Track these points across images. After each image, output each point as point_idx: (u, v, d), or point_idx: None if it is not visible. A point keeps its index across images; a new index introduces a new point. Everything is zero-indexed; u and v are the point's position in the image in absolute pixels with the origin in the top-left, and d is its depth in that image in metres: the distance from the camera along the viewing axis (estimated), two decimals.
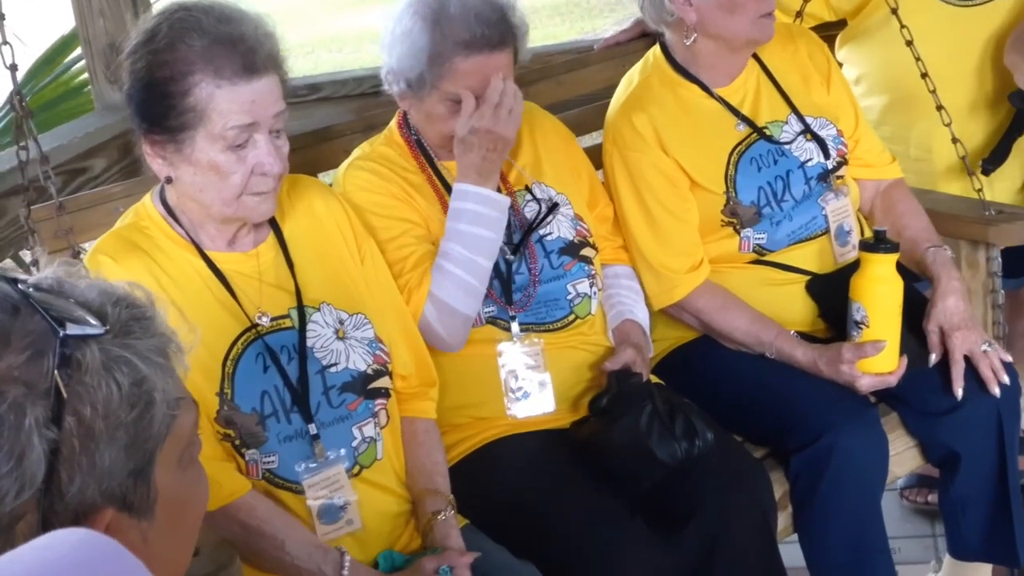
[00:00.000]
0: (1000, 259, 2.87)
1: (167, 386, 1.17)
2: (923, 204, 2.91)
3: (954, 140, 2.88)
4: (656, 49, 2.84)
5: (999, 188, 3.16)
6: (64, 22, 4.06)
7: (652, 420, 2.35)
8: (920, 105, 2.98)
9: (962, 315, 2.62)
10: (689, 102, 2.76)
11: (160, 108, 2.05)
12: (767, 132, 2.76)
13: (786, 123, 2.78)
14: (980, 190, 2.86)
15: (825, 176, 2.76)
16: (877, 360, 2.55)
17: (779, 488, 2.52)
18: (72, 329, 1.12)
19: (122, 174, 3.48)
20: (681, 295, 2.70)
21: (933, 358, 2.62)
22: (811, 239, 2.76)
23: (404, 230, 2.45)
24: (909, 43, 2.87)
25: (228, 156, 2.06)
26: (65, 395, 1.10)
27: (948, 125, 2.87)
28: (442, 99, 2.43)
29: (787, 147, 2.75)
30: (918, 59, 2.86)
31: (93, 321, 1.14)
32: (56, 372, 1.10)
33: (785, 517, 2.55)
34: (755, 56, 2.81)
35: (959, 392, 2.59)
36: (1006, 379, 2.60)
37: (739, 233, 2.72)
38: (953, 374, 2.60)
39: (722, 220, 2.71)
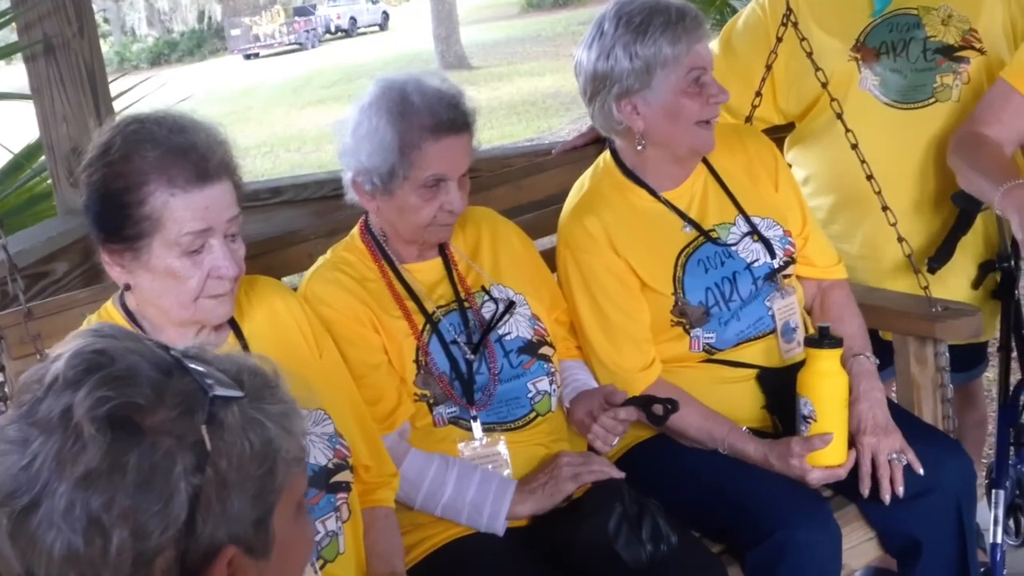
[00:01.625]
0: (948, 354, 2.93)
1: (290, 447, 1.34)
2: (872, 301, 2.99)
3: (900, 239, 2.95)
4: (606, 154, 2.92)
5: (952, 285, 3.22)
6: (33, 129, 4.12)
7: (621, 522, 2.38)
8: (867, 205, 3.06)
9: (871, 421, 2.67)
10: (638, 206, 2.83)
11: (117, 218, 2.11)
12: (713, 235, 2.82)
13: (734, 224, 2.85)
14: (926, 287, 2.93)
15: (772, 276, 2.82)
16: (826, 453, 2.60)
17: None
18: (219, 391, 1.28)
19: (84, 277, 3.52)
20: (635, 392, 2.74)
21: (864, 492, 2.67)
22: (759, 338, 2.82)
23: (371, 366, 2.51)
24: (854, 146, 2.95)
25: (184, 262, 2.12)
26: (209, 448, 1.25)
27: (894, 225, 2.94)
28: (415, 188, 2.51)
29: (734, 248, 2.82)
30: (863, 162, 2.94)
31: (234, 386, 1.30)
32: (204, 427, 1.25)
33: None
34: (704, 159, 2.88)
35: (864, 491, 2.65)
36: (900, 491, 2.63)
37: (689, 333, 2.77)
38: (860, 476, 2.65)
39: (672, 320, 2.77)
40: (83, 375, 1.25)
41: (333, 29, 35.41)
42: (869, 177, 2.95)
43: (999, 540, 3.19)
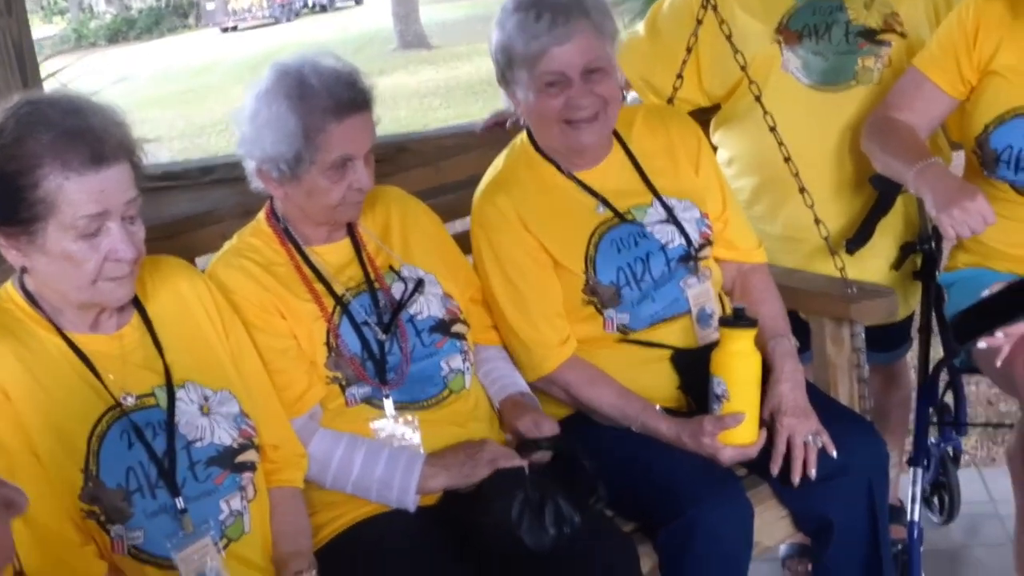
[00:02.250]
0: (863, 335, 2.96)
1: None
2: (790, 283, 3.01)
3: (817, 221, 2.97)
4: (523, 134, 2.92)
5: (872, 266, 3.25)
6: None
7: (523, 509, 2.39)
8: (788, 187, 3.06)
9: (791, 402, 2.69)
10: (551, 184, 2.84)
11: (10, 201, 2.09)
12: (628, 216, 2.83)
13: (650, 206, 2.85)
14: (842, 269, 2.95)
15: (686, 258, 2.83)
16: (738, 432, 2.62)
17: (649, 560, 2.57)
18: None
19: None
20: (550, 368, 2.76)
21: (773, 471, 2.67)
22: (674, 319, 2.83)
23: (279, 351, 2.51)
24: (772, 129, 2.96)
25: (80, 245, 2.11)
26: None
27: (811, 207, 2.96)
28: (322, 171, 2.50)
29: (648, 229, 2.82)
30: (781, 144, 2.96)
31: None
32: None
33: None
34: (620, 141, 2.89)
35: (774, 471, 2.66)
36: (812, 473, 2.64)
37: (602, 313, 2.78)
38: (773, 456, 2.66)
39: (583, 299, 2.78)
40: None
41: (311, 3, 35.42)
42: (787, 159, 2.96)
43: (916, 518, 3.23)
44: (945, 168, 2.89)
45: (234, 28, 31.01)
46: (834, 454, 2.65)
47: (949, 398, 3.68)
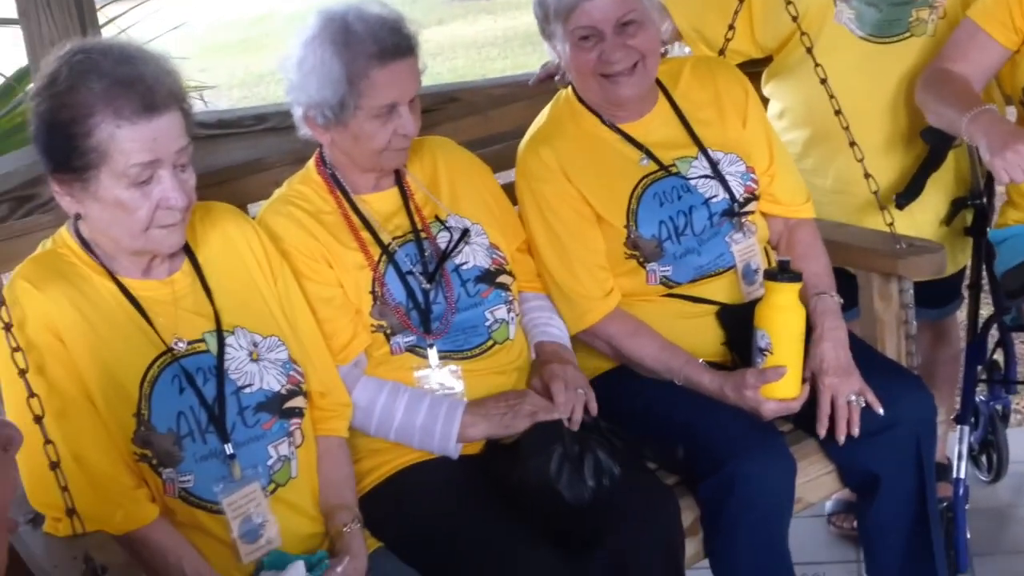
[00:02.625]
0: (912, 291, 2.94)
1: None
2: (837, 237, 2.99)
3: (866, 175, 2.96)
4: (568, 87, 2.93)
5: (920, 220, 3.23)
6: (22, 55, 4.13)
7: (562, 463, 2.41)
8: (839, 140, 3.05)
9: (833, 362, 2.68)
10: (595, 136, 2.85)
11: (64, 149, 2.12)
12: (673, 169, 2.83)
13: (696, 159, 2.85)
14: (891, 224, 2.94)
15: (730, 213, 2.83)
16: (780, 386, 2.62)
17: (691, 514, 2.58)
18: None
19: None
20: (593, 320, 2.77)
21: (821, 432, 2.68)
22: (719, 274, 2.83)
23: (324, 300, 2.54)
24: (823, 81, 2.96)
25: (132, 193, 2.14)
26: None
27: (861, 161, 2.95)
28: (368, 116, 2.52)
29: (692, 183, 2.82)
30: (832, 96, 2.95)
31: None
32: None
33: (697, 542, 2.61)
34: (665, 92, 2.89)
35: (822, 432, 2.66)
36: (855, 432, 2.65)
37: (644, 267, 2.79)
38: (818, 416, 2.66)
39: (625, 253, 2.79)
40: None
41: None
42: (837, 112, 2.96)
43: (963, 475, 3.22)
44: (998, 114, 2.87)
45: None
46: (880, 411, 2.65)
47: (999, 356, 3.66)
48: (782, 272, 2.64)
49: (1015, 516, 3.64)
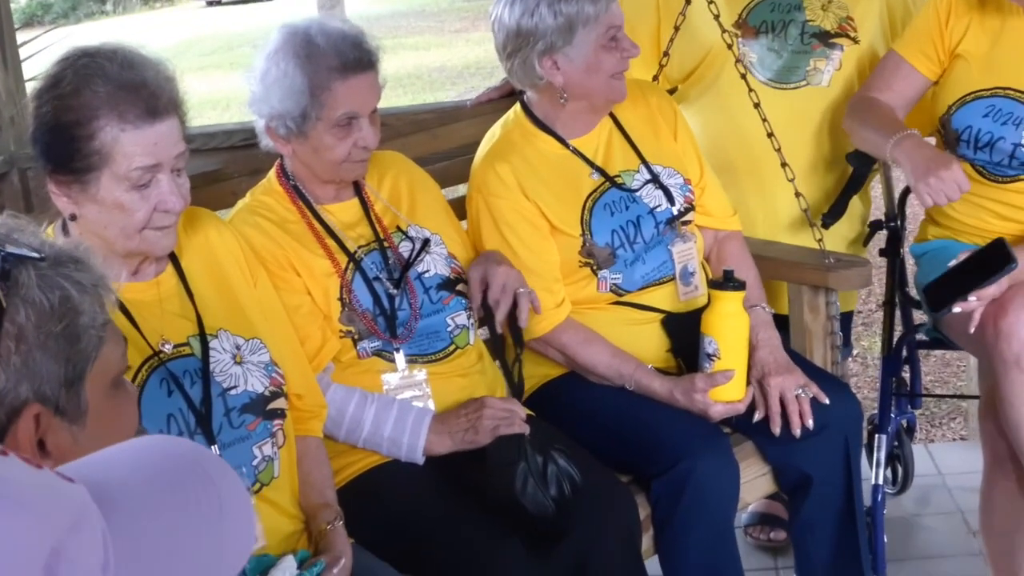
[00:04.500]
0: (838, 303, 3.12)
1: (94, 312, 1.37)
2: (769, 253, 3.15)
3: (797, 194, 3.12)
4: (517, 107, 3.04)
5: (829, 242, 3.39)
6: None
7: (526, 478, 2.49)
8: (734, 174, 3.29)
9: (773, 364, 2.83)
10: (547, 153, 2.96)
11: (66, 151, 2.15)
12: (619, 180, 2.96)
13: (637, 172, 2.99)
14: (820, 240, 3.10)
15: (672, 221, 2.97)
16: (727, 388, 2.76)
17: (642, 512, 2.69)
18: (12, 249, 1.33)
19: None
20: (546, 329, 2.87)
21: (757, 415, 2.82)
22: (663, 282, 2.96)
23: (292, 308, 2.59)
24: (757, 105, 3.12)
25: (132, 195, 2.18)
26: (4, 304, 1.30)
27: (792, 180, 3.12)
28: (328, 128, 2.59)
29: (637, 194, 2.96)
30: (765, 120, 3.11)
31: (32, 249, 1.35)
32: None
33: (648, 538, 2.71)
34: (609, 112, 3.02)
35: (776, 430, 2.80)
36: (810, 424, 2.79)
37: (596, 274, 2.90)
38: (770, 415, 2.80)
39: (580, 261, 2.90)
40: None
41: None
42: (770, 135, 3.12)
43: (880, 482, 3.38)
44: (921, 139, 3.04)
45: (218, 2, 29.68)
46: (827, 400, 2.80)
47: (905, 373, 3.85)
48: (727, 281, 2.78)
49: (921, 525, 3.81)
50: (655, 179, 2.98)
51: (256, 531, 2.26)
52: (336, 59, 2.57)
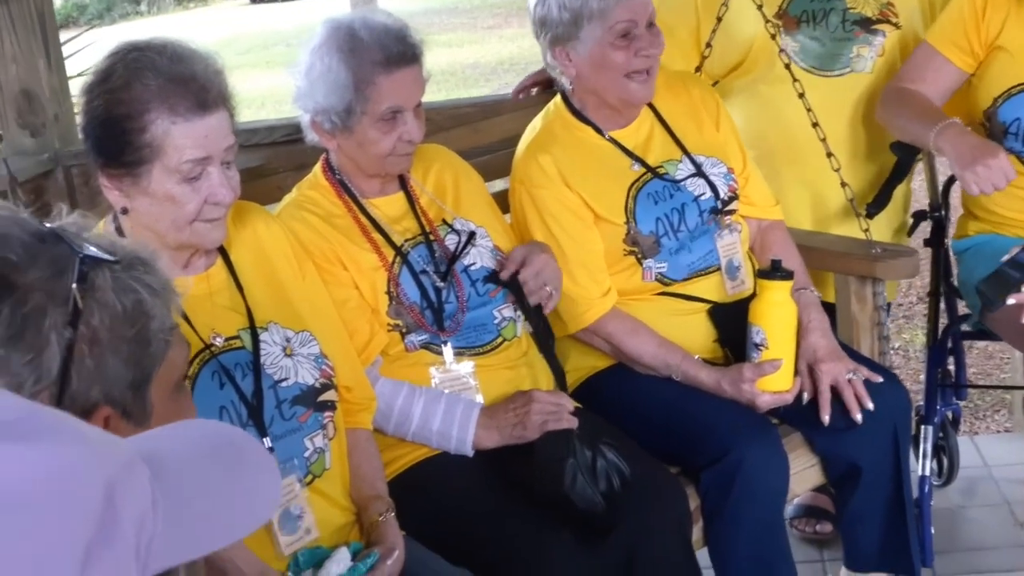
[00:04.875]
0: (885, 294, 3.11)
1: (163, 316, 1.39)
2: (815, 244, 3.14)
3: (843, 184, 3.12)
4: (557, 98, 3.04)
5: (872, 231, 3.38)
6: None
7: (575, 474, 2.49)
8: (778, 161, 3.30)
9: (824, 349, 2.82)
10: (587, 143, 2.96)
11: (117, 144, 2.17)
12: (661, 171, 2.96)
13: (680, 162, 2.98)
14: (867, 230, 3.08)
15: (716, 211, 2.96)
16: (774, 379, 2.76)
17: (691, 503, 2.68)
18: (90, 251, 1.33)
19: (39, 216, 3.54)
20: (592, 318, 2.87)
21: (805, 396, 2.82)
22: (708, 272, 2.95)
23: (340, 302, 2.59)
24: (801, 95, 3.11)
25: (183, 188, 2.19)
26: (80, 306, 1.30)
27: (838, 170, 3.11)
28: (373, 122, 2.59)
29: (681, 183, 2.96)
30: (809, 110, 3.10)
31: (107, 252, 1.35)
32: (75, 286, 1.30)
33: (697, 530, 2.70)
34: (649, 103, 3.00)
35: (825, 419, 2.79)
36: (869, 405, 2.79)
37: (641, 263, 2.90)
38: (820, 403, 2.80)
39: (624, 250, 2.90)
40: None
41: None
42: (815, 124, 3.10)
43: (927, 473, 3.36)
44: (964, 127, 3.02)
45: None
46: (880, 379, 2.81)
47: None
48: (775, 270, 2.78)
49: (967, 516, 3.78)
50: (698, 169, 2.98)
51: (280, 489, 2.28)
52: (380, 53, 2.57)
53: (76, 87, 2.29)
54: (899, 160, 3.32)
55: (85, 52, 4.55)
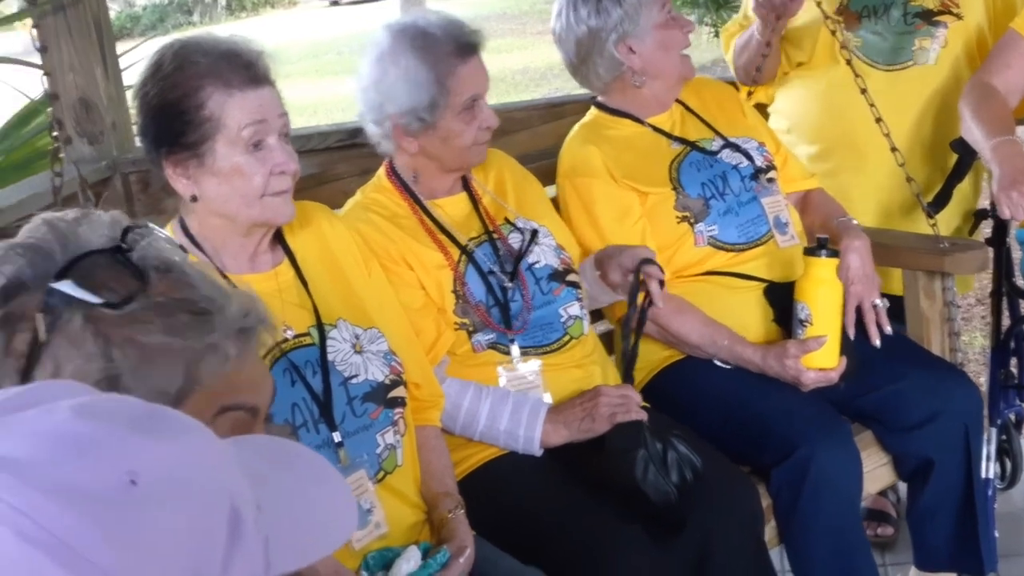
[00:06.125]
0: (955, 289, 3.08)
1: (167, 381, 1.15)
2: (883, 240, 3.11)
3: (909, 179, 3.10)
4: (591, 108, 3.12)
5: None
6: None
7: (647, 465, 2.48)
8: (843, 156, 3.33)
9: (859, 271, 2.85)
10: (627, 134, 3.03)
11: (178, 126, 2.19)
12: (699, 145, 3.03)
13: (713, 140, 3.06)
14: (935, 224, 3.06)
15: (755, 176, 3.02)
16: (820, 355, 2.75)
17: (763, 501, 2.66)
18: (65, 287, 1.15)
19: None
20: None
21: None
22: (760, 243, 2.97)
23: (405, 304, 2.59)
24: (864, 91, 3.08)
25: (248, 158, 2.20)
26: (42, 338, 1.14)
27: (902, 165, 3.08)
28: (455, 114, 2.62)
29: (718, 155, 3.03)
30: (872, 104, 3.07)
31: (111, 294, 1.16)
32: (40, 316, 1.14)
33: (770, 529, 2.69)
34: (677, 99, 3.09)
35: (851, 333, 2.83)
36: (888, 330, 2.84)
37: (693, 228, 2.93)
38: (845, 321, 2.82)
39: (676, 217, 2.93)
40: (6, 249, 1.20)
41: None
42: (879, 120, 3.07)
43: (991, 475, 3.31)
44: (1019, 146, 2.99)
45: (336, 2, 27.93)
46: (888, 330, 2.85)
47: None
48: (820, 247, 2.78)
49: None
50: (730, 144, 3.05)
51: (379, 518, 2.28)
52: (452, 44, 2.61)
53: (132, 96, 2.30)
54: (960, 158, 3.28)
55: (140, 62, 4.56)
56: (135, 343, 1.14)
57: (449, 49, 2.60)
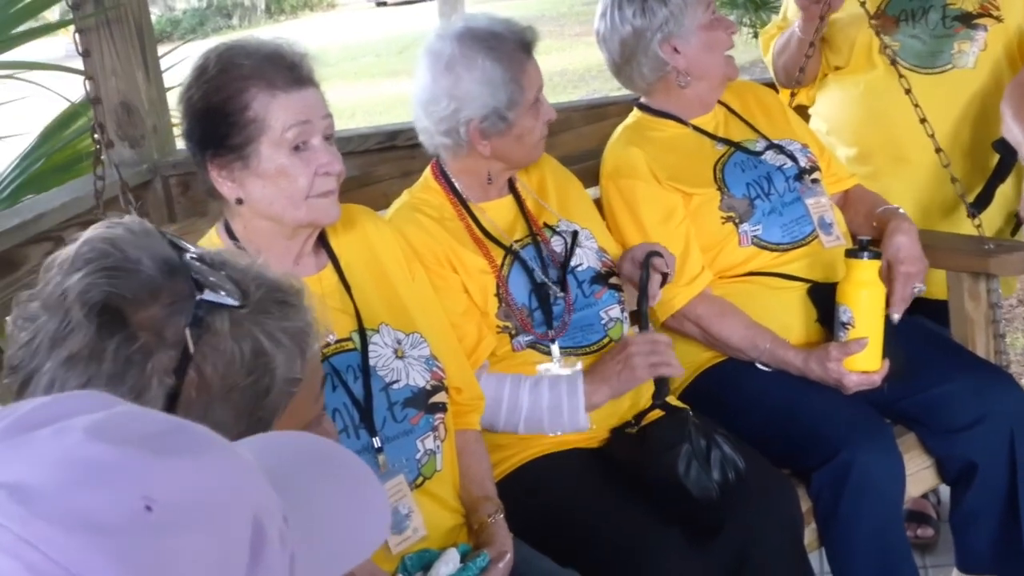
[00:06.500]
0: (1000, 290, 3.04)
1: (290, 366, 1.30)
2: (926, 241, 3.05)
3: (953, 180, 3.08)
4: (634, 110, 3.11)
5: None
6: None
7: (690, 460, 2.46)
8: (884, 159, 3.30)
9: (909, 252, 2.87)
10: (671, 136, 3.03)
11: (223, 128, 2.19)
12: (743, 145, 3.03)
13: (757, 141, 3.06)
14: (979, 226, 3.04)
15: (800, 176, 3.01)
16: (862, 358, 2.74)
17: (803, 504, 2.64)
18: (208, 296, 1.26)
19: None
20: (681, 303, 2.88)
21: (895, 317, 2.83)
22: (804, 243, 2.97)
23: (448, 309, 2.58)
24: (908, 91, 3.08)
25: (293, 160, 2.19)
26: (191, 351, 1.24)
27: (947, 166, 3.07)
28: (527, 110, 2.64)
29: (762, 156, 3.03)
30: (917, 105, 3.06)
31: (232, 294, 1.28)
32: (188, 330, 1.25)
33: (810, 532, 2.67)
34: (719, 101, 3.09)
35: (896, 316, 2.83)
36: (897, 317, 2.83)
37: (737, 228, 2.93)
38: (894, 300, 2.83)
39: (721, 217, 2.94)
40: (85, 262, 1.27)
41: None
42: (923, 120, 3.07)
43: None
44: None
45: (383, 3, 27.89)
46: (895, 317, 2.84)
47: None
48: (863, 250, 2.76)
49: None
50: (774, 145, 3.05)
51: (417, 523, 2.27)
52: (516, 41, 2.64)
53: (173, 99, 2.31)
54: (1001, 158, 3.25)
55: (180, 65, 4.58)
56: (267, 333, 1.28)
57: (514, 46, 2.62)
